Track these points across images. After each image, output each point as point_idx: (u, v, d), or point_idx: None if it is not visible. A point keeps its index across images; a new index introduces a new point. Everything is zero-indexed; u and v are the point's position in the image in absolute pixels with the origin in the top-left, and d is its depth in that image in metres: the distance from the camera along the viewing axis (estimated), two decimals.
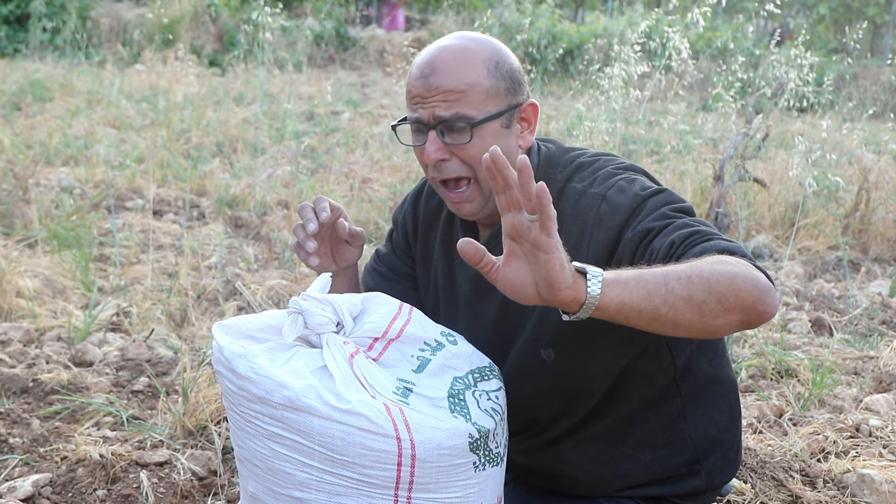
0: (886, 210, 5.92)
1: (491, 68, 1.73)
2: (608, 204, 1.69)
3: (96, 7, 14.85)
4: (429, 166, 1.79)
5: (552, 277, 1.37)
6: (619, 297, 1.41)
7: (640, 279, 1.43)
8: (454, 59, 1.72)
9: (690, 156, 7.08)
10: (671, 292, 1.42)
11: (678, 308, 1.42)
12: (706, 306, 1.43)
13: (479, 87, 1.71)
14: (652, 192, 1.69)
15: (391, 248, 2.11)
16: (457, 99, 1.71)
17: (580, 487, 1.92)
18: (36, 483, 2.41)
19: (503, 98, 1.74)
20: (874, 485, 2.49)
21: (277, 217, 5.53)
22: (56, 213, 5.15)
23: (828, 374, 3.35)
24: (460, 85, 1.71)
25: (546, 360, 1.80)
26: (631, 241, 1.64)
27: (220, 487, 2.47)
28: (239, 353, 1.62)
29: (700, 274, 1.43)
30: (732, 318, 1.45)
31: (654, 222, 1.63)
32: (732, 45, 12.82)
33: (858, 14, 21.80)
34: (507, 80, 1.75)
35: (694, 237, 1.57)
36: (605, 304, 1.40)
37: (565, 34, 15.63)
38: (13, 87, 9.41)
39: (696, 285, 1.42)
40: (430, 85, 1.72)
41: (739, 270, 1.45)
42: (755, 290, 1.45)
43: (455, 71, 1.71)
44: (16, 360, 3.30)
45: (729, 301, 1.43)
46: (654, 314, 1.42)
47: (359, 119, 9.67)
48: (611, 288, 1.40)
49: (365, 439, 1.53)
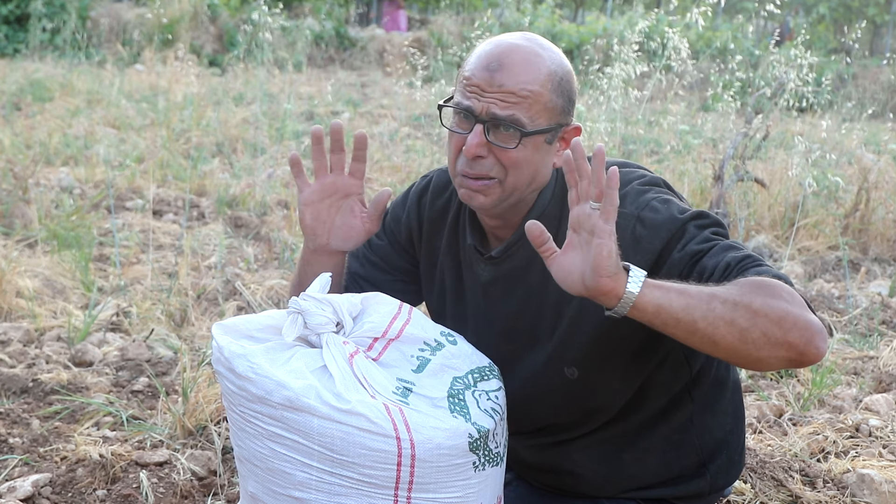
0: (886, 210, 5.92)
1: (555, 83, 1.71)
2: (644, 226, 1.67)
3: (96, 7, 14.83)
4: (461, 157, 1.74)
5: (598, 262, 1.42)
6: (658, 300, 1.45)
7: (684, 291, 1.46)
8: (524, 62, 1.68)
9: (690, 156, 7.08)
10: (713, 311, 1.45)
11: (717, 327, 1.45)
12: (749, 334, 1.45)
13: (541, 97, 1.69)
14: (691, 215, 1.67)
15: (387, 240, 2.03)
16: (516, 102, 1.67)
17: (585, 486, 1.92)
18: (36, 483, 2.41)
19: (557, 115, 1.72)
20: (874, 485, 2.49)
21: (277, 217, 5.53)
22: (56, 213, 5.15)
23: (828, 374, 3.35)
24: (524, 90, 1.67)
25: (570, 377, 1.80)
26: (679, 261, 1.63)
27: (220, 487, 2.47)
28: (239, 353, 1.62)
29: (749, 303, 1.45)
30: (779, 352, 1.47)
31: (701, 245, 1.63)
32: (732, 45, 12.82)
33: (858, 14, 21.79)
34: (564, 99, 1.73)
35: (747, 261, 1.58)
36: (644, 304, 1.44)
37: (565, 34, 15.63)
38: (13, 87, 9.40)
39: (740, 312, 1.45)
40: (494, 80, 1.68)
41: (792, 309, 1.46)
42: (807, 330, 1.46)
43: (522, 74, 1.68)
44: (16, 360, 3.30)
45: (776, 336, 1.45)
46: (692, 327, 1.45)
47: (359, 119, 9.67)
48: (651, 290, 1.45)
49: (365, 439, 1.53)
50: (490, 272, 1.85)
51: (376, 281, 1.99)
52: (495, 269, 1.84)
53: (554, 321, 1.77)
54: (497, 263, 1.83)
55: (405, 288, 2.02)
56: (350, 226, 1.84)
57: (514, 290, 1.82)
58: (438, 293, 1.98)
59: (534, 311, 1.79)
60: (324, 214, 1.82)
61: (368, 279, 1.99)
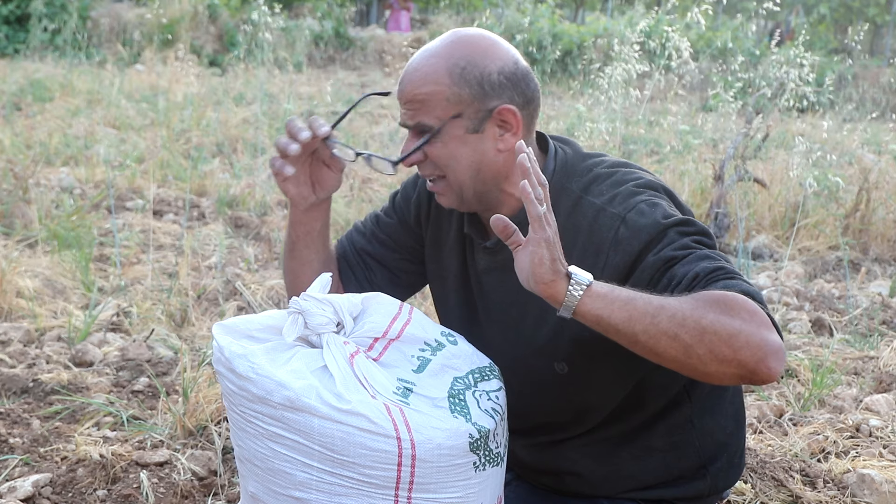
0: (887, 210, 5.92)
1: (455, 75, 1.72)
2: (627, 227, 1.67)
3: (96, 7, 14.83)
4: None
5: (532, 269, 1.47)
6: (599, 310, 1.47)
7: (629, 302, 1.48)
8: (416, 69, 1.75)
9: (690, 156, 7.07)
10: (656, 326, 1.46)
11: (659, 341, 1.47)
12: (693, 350, 1.46)
13: (438, 95, 1.73)
14: (674, 221, 1.67)
15: (396, 219, 2.06)
16: (417, 109, 1.75)
17: (585, 486, 1.92)
18: (36, 483, 2.41)
19: (468, 104, 1.73)
20: (874, 485, 2.49)
21: (277, 217, 5.53)
22: (56, 213, 5.14)
23: (828, 374, 3.35)
24: (419, 95, 1.74)
25: (560, 372, 1.80)
26: (652, 265, 1.63)
27: (221, 487, 2.47)
28: (239, 353, 1.62)
29: (698, 320, 1.45)
30: (727, 369, 1.46)
31: (676, 251, 1.63)
32: (731, 45, 12.82)
33: (859, 14, 21.81)
34: (472, 86, 1.73)
35: (717, 272, 1.57)
36: (583, 311, 1.48)
37: (565, 34, 15.63)
38: (13, 87, 9.40)
39: (687, 328, 1.45)
40: (402, 96, 1.77)
41: (747, 328, 1.45)
42: (759, 350, 1.45)
43: (415, 80, 1.74)
44: (16, 360, 3.30)
45: (723, 353, 1.45)
46: (633, 338, 1.48)
47: (359, 119, 9.67)
48: (592, 299, 1.47)
49: (365, 439, 1.53)
50: (486, 261, 1.87)
51: (383, 258, 2.04)
52: (491, 258, 1.86)
53: (542, 314, 1.78)
54: (492, 254, 1.86)
55: (410, 268, 2.05)
56: (325, 174, 1.92)
57: (507, 280, 1.82)
58: (444, 277, 1.99)
59: (523, 302, 1.80)
60: (302, 178, 1.90)
61: (375, 256, 2.04)
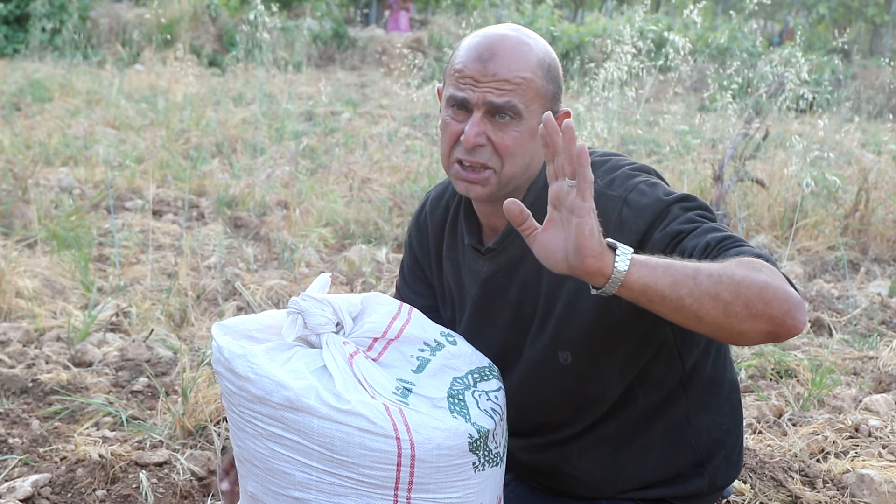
0: (886, 210, 5.92)
1: (545, 69, 1.74)
2: (630, 208, 1.68)
3: (96, 7, 14.82)
4: (458, 145, 1.75)
5: (580, 242, 1.40)
6: (646, 278, 1.44)
7: (670, 267, 1.45)
8: (514, 50, 1.72)
9: (690, 156, 7.08)
10: (699, 286, 1.44)
11: (703, 303, 1.45)
12: (732, 308, 1.45)
13: (533, 84, 1.72)
14: (676, 197, 1.68)
15: (403, 279, 2.10)
16: (511, 90, 1.70)
17: (584, 488, 1.92)
18: (35, 483, 2.41)
19: (548, 101, 1.75)
20: (874, 485, 2.49)
21: (277, 217, 5.53)
22: (55, 213, 5.14)
23: (827, 375, 3.36)
24: (517, 77, 1.70)
25: (563, 363, 1.80)
26: (660, 241, 1.64)
27: None
28: (238, 354, 1.62)
29: (732, 276, 1.45)
30: (759, 325, 1.46)
31: (683, 225, 1.63)
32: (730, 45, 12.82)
33: (858, 14, 21.81)
34: (554, 85, 1.76)
35: (728, 241, 1.58)
36: (631, 282, 1.43)
37: (565, 34, 15.63)
38: (13, 88, 9.39)
39: (724, 285, 1.45)
40: (488, 70, 1.70)
41: (773, 281, 1.47)
42: (786, 302, 1.46)
43: (513, 62, 1.71)
44: (15, 361, 3.30)
45: (757, 308, 1.45)
46: (678, 304, 1.45)
47: (358, 119, 9.67)
48: (638, 268, 1.44)
49: (364, 439, 1.53)
50: (489, 266, 1.87)
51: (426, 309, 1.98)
52: (493, 262, 1.86)
53: (550, 306, 1.78)
54: (494, 256, 1.85)
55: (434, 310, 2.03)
56: None
57: (513, 280, 1.83)
58: (450, 303, 2.00)
59: (531, 298, 1.81)
60: None
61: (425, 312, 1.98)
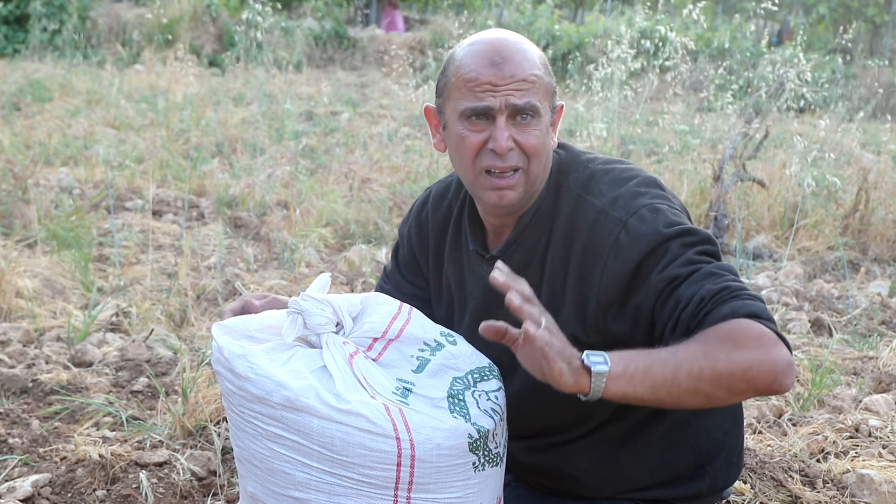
0: (886, 210, 5.92)
1: (545, 65, 1.77)
2: (629, 234, 1.67)
3: (96, 7, 14.82)
4: (481, 155, 1.73)
5: (552, 377, 1.45)
6: (623, 389, 1.49)
7: (648, 372, 1.49)
8: (519, 51, 1.73)
9: (689, 156, 7.08)
10: (677, 387, 1.49)
11: (682, 399, 1.52)
12: (714, 395, 1.52)
13: (542, 80, 1.74)
14: (676, 231, 1.66)
15: (396, 265, 2.08)
16: (528, 88, 1.71)
17: (584, 488, 1.92)
18: (35, 483, 2.41)
19: (552, 97, 1.78)
20: (873, 485, 2.49)
21: (277, 217, 5.52)
22: (55, 213, 5.14)
23: (827, 375, 3.36)
24: (531, 76, 1.72)
25: None
26: (657, 285, 1.64)
27: (220, 488, 2.47)
28: (238, 354, 1.62)
29: (713, 368, 1.49)
30: (744, 396, 1.58)
31: (681, 269, 1.63)
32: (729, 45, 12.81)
33: (858, 14, 21.79)
34: (553, 79, 1.79)
35: (723, 293, 1.59)
36: (608, 396, 1.49)
37: (565, 34, 15.63)
38: (13, 88, 9.39)
39: (705, 380, 1.50)
40: (505, 73, 1.70)
41: (757, 357, 1.51)
42: (770, 374, 1.52)
43: (524, 61, 1.72)
44: (15, 361, 3.30)
45: (740, 388, 1.52)
46: (659, 403, 1.53)
47: (358, 119, 9.67)
48: (615, 383, 1.48)
49: (364, 439, 1.53)
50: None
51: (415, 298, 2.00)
52: None
53: (552, 313, 1.77)
54: None
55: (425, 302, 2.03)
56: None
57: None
58: (447, 302, 1.99)
59: None
60: None
61: None
